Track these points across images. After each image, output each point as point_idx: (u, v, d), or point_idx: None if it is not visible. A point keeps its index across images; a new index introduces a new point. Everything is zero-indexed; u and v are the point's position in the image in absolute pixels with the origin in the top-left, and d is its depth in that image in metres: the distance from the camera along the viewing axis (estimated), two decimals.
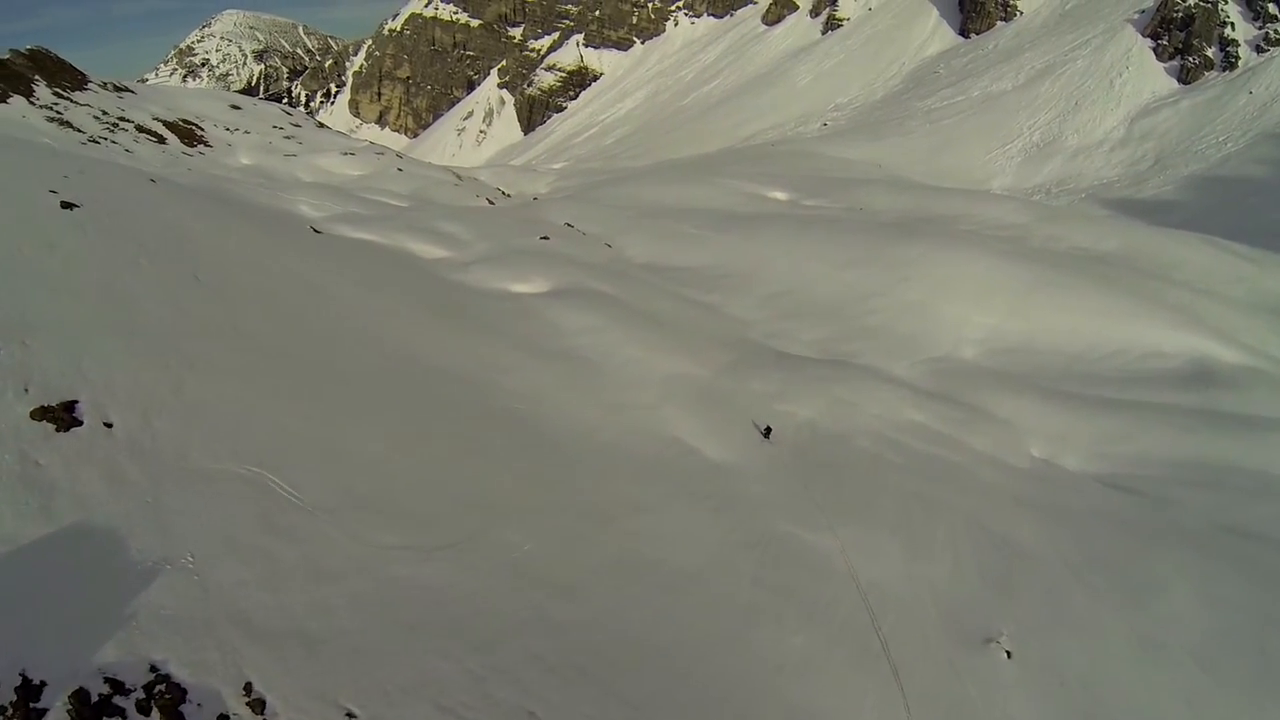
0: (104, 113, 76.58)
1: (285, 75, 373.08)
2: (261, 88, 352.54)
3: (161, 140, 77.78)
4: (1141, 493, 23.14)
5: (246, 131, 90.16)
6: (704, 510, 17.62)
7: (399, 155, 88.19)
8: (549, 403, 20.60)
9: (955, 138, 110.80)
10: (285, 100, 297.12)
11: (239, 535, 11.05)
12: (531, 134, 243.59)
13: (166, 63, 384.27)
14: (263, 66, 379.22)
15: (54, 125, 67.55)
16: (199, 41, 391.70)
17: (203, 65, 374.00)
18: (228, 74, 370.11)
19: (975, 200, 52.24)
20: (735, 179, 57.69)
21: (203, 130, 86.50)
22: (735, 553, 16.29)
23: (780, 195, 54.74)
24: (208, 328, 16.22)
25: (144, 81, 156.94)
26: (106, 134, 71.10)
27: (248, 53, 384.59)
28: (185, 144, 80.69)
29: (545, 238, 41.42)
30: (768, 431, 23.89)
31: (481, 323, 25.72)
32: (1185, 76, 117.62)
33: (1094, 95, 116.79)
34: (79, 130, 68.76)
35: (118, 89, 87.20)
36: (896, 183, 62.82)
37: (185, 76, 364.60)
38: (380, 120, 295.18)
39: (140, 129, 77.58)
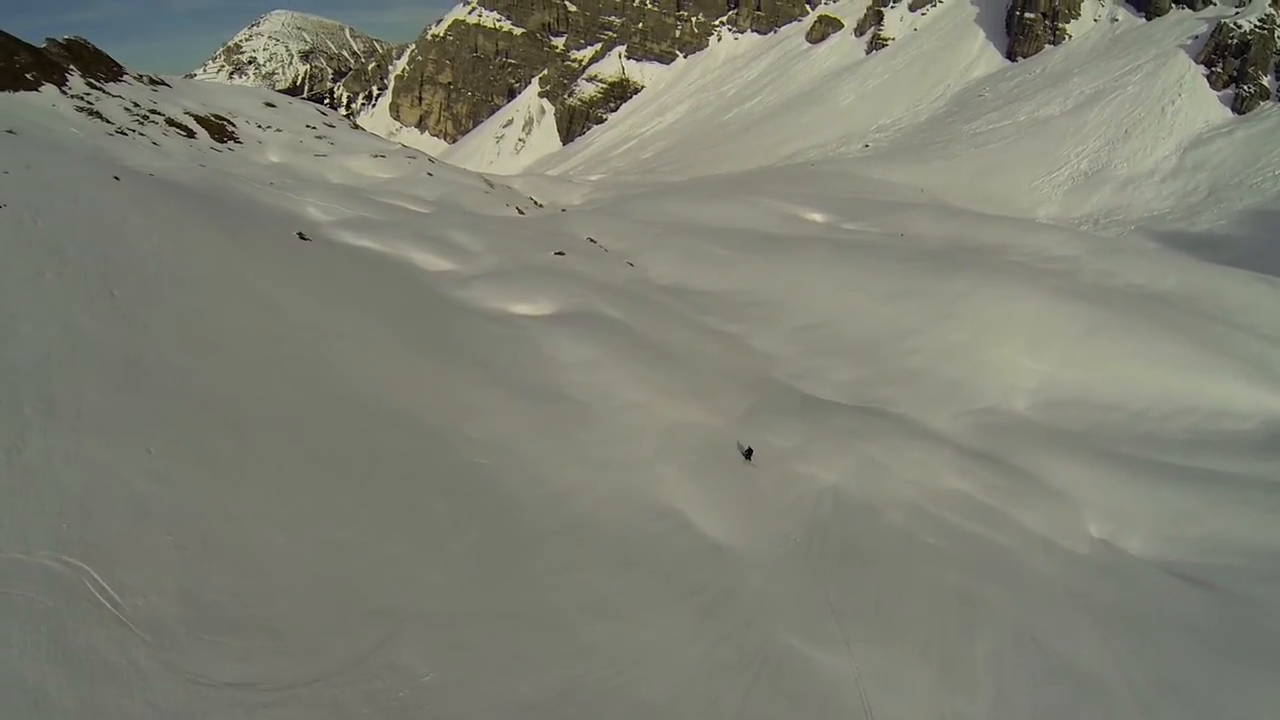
0: (135, 105, 75.62)
1: (330, 76, 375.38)
2: (306, 87, 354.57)
3: (191, 134, 76.66)
4: (1217, 587, 19.28)
5: (279, 130, 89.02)
6: (688, 612, 14.08)
7: (431, 160, 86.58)
8: (522, 457, 17.45)
9: (1000, 163, 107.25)
10: (327, 101, 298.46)
11: (4, 667, 7.70)
12: (571, 144, 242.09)
13: (214, 59, 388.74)
14: (308, 67, 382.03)
15: (83, 115, 66.54)
16: (247, 40, 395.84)
17: (249, 63, 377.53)
18: (273, 73, 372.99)
19: (1023, 229, 49.10)
20: (771, 198, 54.87)
21: (234, 126, 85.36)
22: (719, 677, 12.71)
23: (818, 217, 51.91)
24: (94, 359, 13.43)
25: (191, 77, 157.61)
26: (135, 126, 70.02)
27: (294, 52, 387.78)
28: (215, 139, 79.40)
29: (560, 253, 38.90)
30: (749, 454, 21.01)
31: (464, 352, 22.79)
32: (1240, 106, 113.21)
33: (1145, 123, 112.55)
34: (107, 121, 67.61)
35: (153, 82, 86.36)
36: (940, 208, 59.72)
37: (232, 73, 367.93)
38: (420, 124, 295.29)
39: (171, 122, 76.51)
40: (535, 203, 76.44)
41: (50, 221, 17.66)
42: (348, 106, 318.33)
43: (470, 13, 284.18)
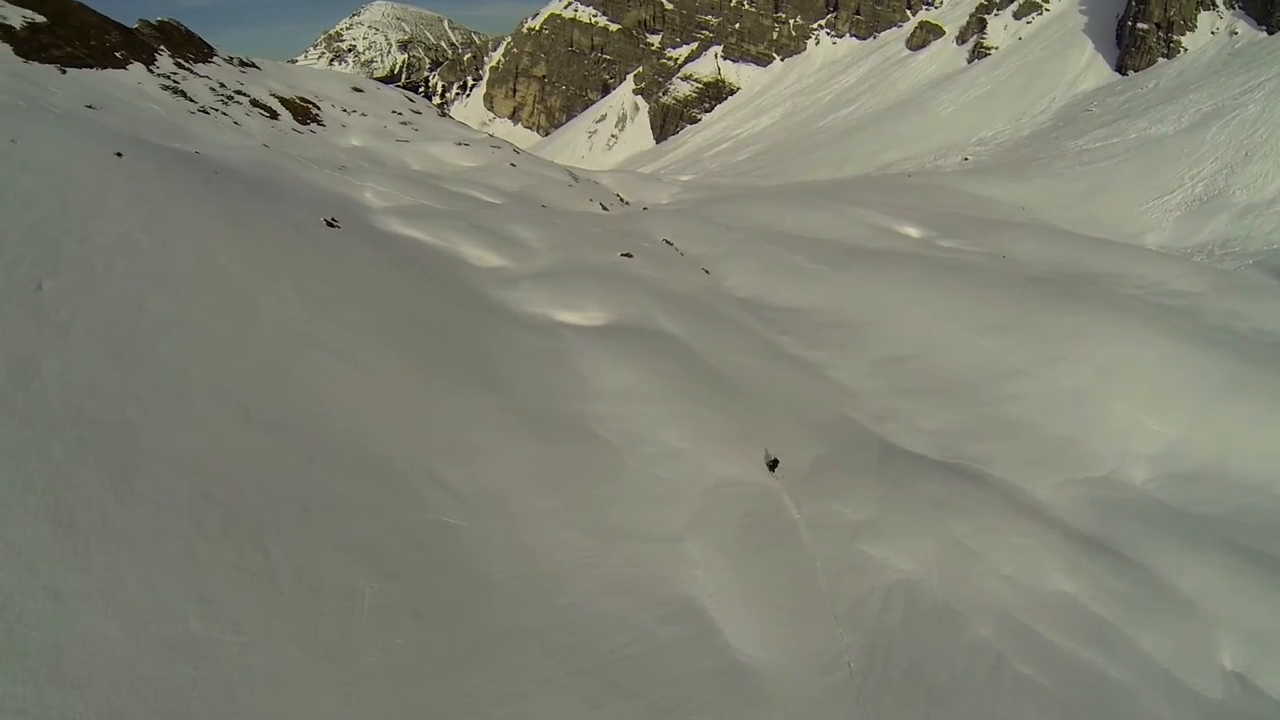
0: (221, 85, 76.04)
1: (427, 66, 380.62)
2: (403, 76, 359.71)
3: (274, 115, 76.62)
4: None
5: (364, 114, 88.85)
6: None
7: (516, 150, 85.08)
8: (513, 518, 14.00)
9: (1107, 184, 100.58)
10: (422, 90, 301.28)
11: None
12: (663, 143, 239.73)
13: (315, 46, 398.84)
14: (406, 56, 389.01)
15: (167, 93, 66.91)
16: (347, 29, 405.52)
17: (349, 51, 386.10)
18: (371, 61, 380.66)
19: (1138, 258, 44.60)
20: (864, 208, 51.11)
21: (319, 109, 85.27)
22: None
23: (912, 231, 48.12)
24: None
25: (292, 62, 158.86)
26: (219, 105, 70.43)
27: (393, 42, 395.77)
28: (298, 121, 79.23)
29: (628, 255, 35.54)
30: (774, 464, 18.06)
31: (480, 369, 19.65)
32: None
33: (1267, 146, 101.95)
34: (191, 100, 67.90)
35: (243, 64, 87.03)
36: (1045, 229, 55.16)
37: (332, 61, 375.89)
38: (514, 116, 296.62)
39: (255, 103, 76.64)
40: (621, 199, 74.02)
41: (2, 202, 15.66)
42: (442, 96, 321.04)
43: (566, 7, 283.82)
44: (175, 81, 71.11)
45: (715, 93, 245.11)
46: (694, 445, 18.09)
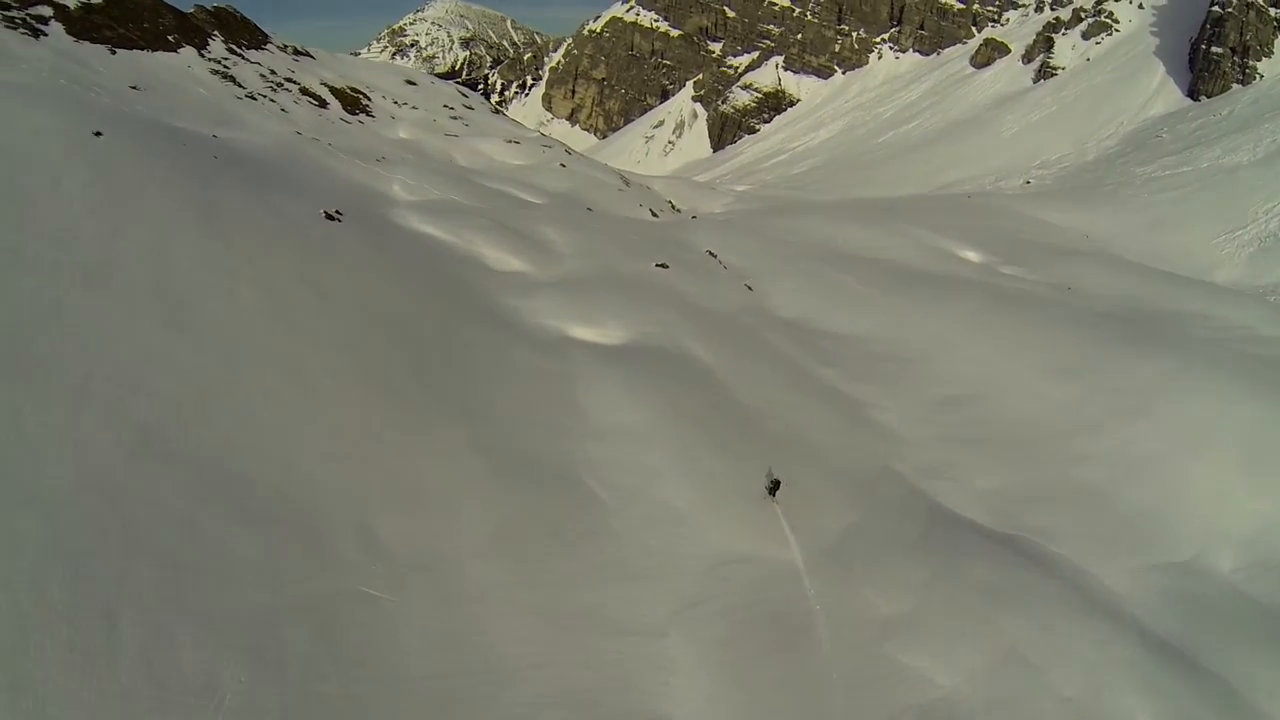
0: (272, 72, 75.23)
1: (488, 64, 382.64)
2: (464, 73, 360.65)
3: (323, 104, 75.73)
4: None
5: (414, 107, 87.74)
6: None
7: (568, 151, 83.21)
8: (448, 592, 11.31)
9: (1176, 215, 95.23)
10: (480, 88, 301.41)
11: None
12: (720, 152, 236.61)
13: (378, 40, 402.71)
14: (467, 53, 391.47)
15: (216, 78, 66.18)
16: (411, 24, 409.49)
17: (411, 46, 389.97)
18: (434, 56, 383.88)
19: (1217, 298, 40.74)
20: (922, 228, 47.73)
21: (369, 100, 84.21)
22: None
23: (973, 256, 44.74)
24: None
25: (355, 54, 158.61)
26: (267, 92, 69.32)
27: (455, 38, 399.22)
28: (347, 110, 78.13)
29: (663, 265, 32.91)
30: (774, 487, 15.59)
31: (460, 393, 16.89)
32: None
33: None
34: (239, 85, 66.99)
35: (297, 53, 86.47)
36: (1113, 261, 51.36)
37: (394, 55, 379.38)
38: (571, 118, 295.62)
39: (304, 91, 75.84)
40: (672, 206, 71.92)
41: None
42: (501, 94, 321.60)
43: (628, 10, 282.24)
44: (225, 67, 70.50)
45: (774, 103, 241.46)
46: (699, 508, 15.07)
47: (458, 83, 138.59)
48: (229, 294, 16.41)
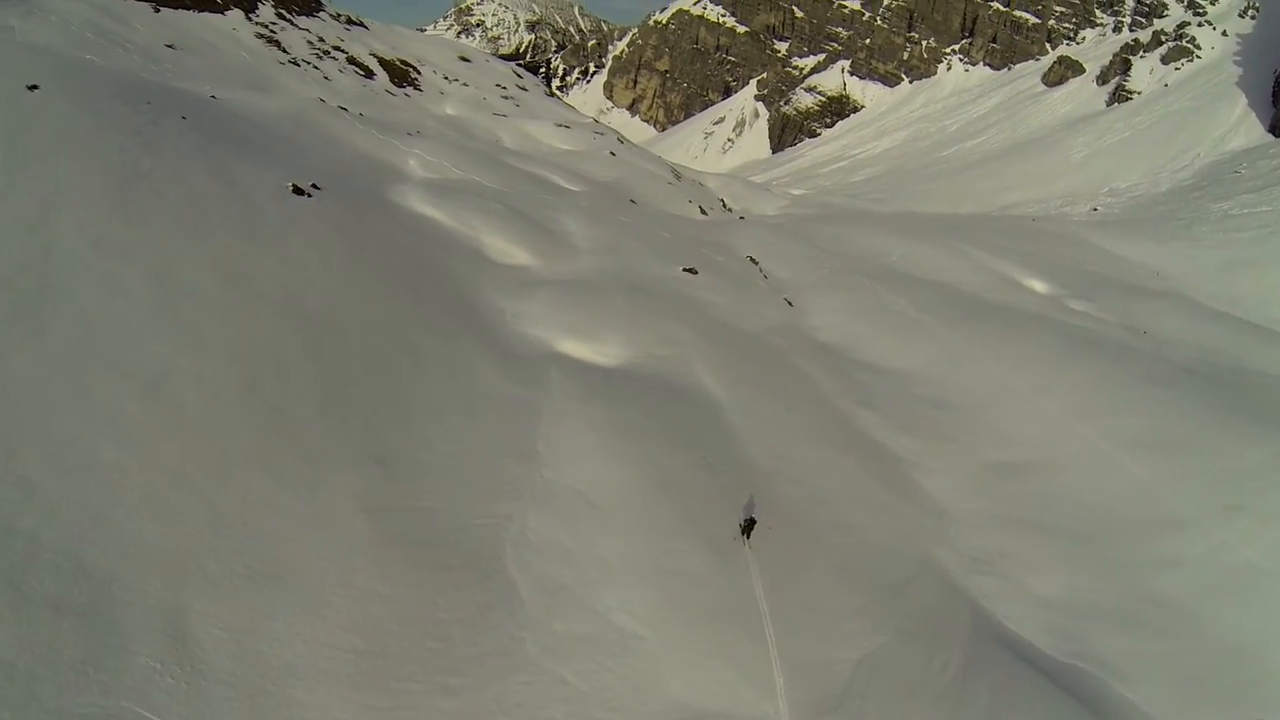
0: (320, 39, 73.67)
1: (553, 48, 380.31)
2: (528, 55, 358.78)
3: (369, 75, 74.10)
4: None
5: (465, 84, 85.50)
6: None
7: (620, 140, 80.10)
8: None
9: (1254, 257, 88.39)
10: (543, 71, 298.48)
11: None
12: (780, 153, 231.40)
13: (445, 18, 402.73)
14: (533, 36, 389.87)
15: (261, 42, 65.12)
16: (478, 4, 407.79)
17: (477, 25, 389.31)
18: (499, 37, 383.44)
19: None
20: (984, 250, 43.19)
21: (419, 74, 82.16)
22: None
23: (1038, 286, 40.18)
24: None
25: (421, 30, 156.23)
26: (313, 59, 68.13)
27: (521, 21, 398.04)
28: (394, 83, 76.23)
29: (691, 270, 28.85)
30: (748, 526, 12.44)
31: (380, 428, 13.17)
32: None
33: None
34: (284, 50, 65.91)
35: (350, 22, 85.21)
36: (1189, 305, 46.39)
37: (460, 33, 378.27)
38: (632, 108, 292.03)
39: (351, 60, 74.52)
40: (724, 205, 68.43)
41: None
42: (562, 79, 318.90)
43: (695, 4, 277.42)
44: (272, 31, 68.98)
45: (838, 108, 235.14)
46: (655, 628, 10.84)
47: (520, 64, 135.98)
48: (112, 282, 12.96)
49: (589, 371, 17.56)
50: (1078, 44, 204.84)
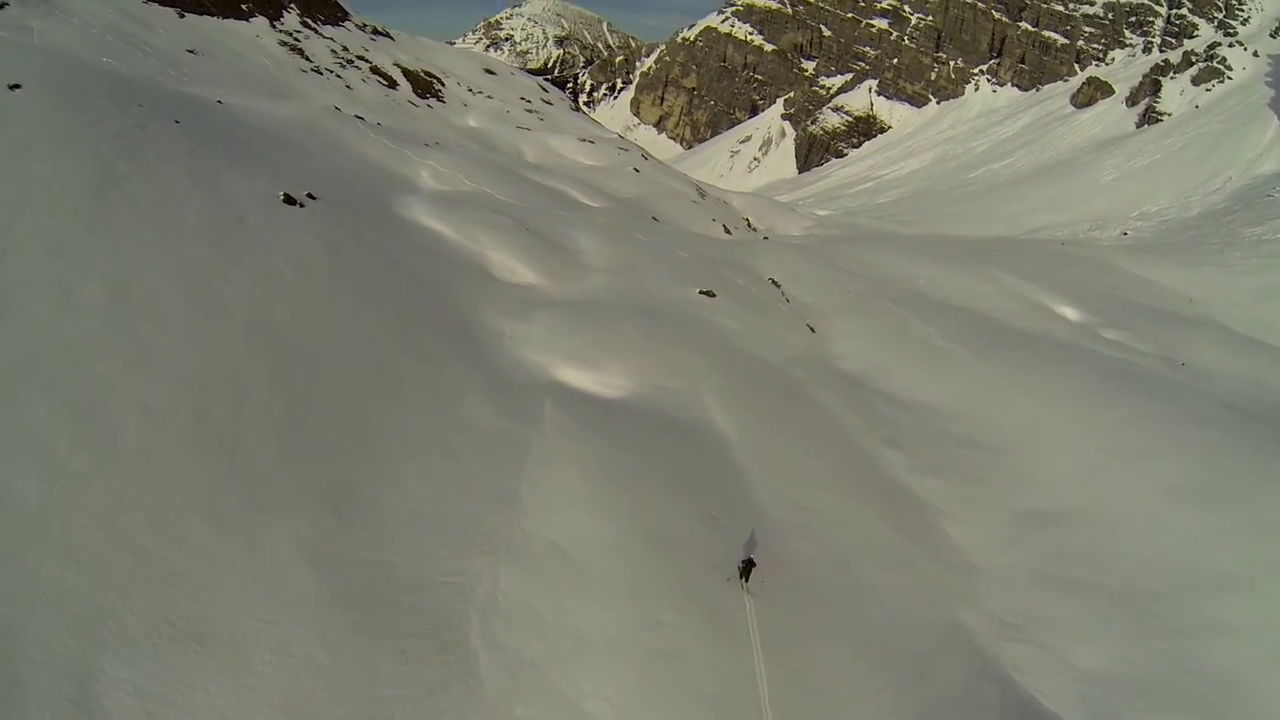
0: (344, 49, 73.48)
1: (580, 64, 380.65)
2: (555, 70, 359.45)
3: (392, 85, 74.03)
4: None
5: (489, 96, 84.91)
6: None
7: (645, 156, 79.05)
8: None
9: None
10: (570, 86, 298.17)
11: None
12: (806, 173, 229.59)
13: (474, 31, 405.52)
14: (561, 52, 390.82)
15: (284, 50, 64.97)
16: (508, 18, 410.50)
17: (506, 40, 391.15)
18: (527, 52, 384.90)
19: None
20: (1013, 275, 41.50)
21: (443, 85, 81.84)
22: None
23: (1069, 313, 38.42)
24: None
25: (450, 44, 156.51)
26: (335, 68, 67.95)
27: (550, 36, 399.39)
28: (417, 93, 75.99)
29: (708, 293, 27.45)
30: (747, 569, 11.23)
31: (334, 469, 11.72)
32: None
33: None
34: (307, 59, 65.79)
35: (376, 32, 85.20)
36: (1226, 334, 44.29)
37: (488, 47, 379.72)
38: (659, 125, 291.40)
39: (375, 70, 74.44)
40: (748, 224, 67.09)
41: None
42: (589, 95, 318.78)
43: (723, 22, 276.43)
44: (296, 40, 68.84)
45: (865, 128, 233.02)
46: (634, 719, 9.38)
47: (548, 79, 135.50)
48: (65, 295, 11.74)
49: (587, 404, 16.12)
50: (1107, 65, 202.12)
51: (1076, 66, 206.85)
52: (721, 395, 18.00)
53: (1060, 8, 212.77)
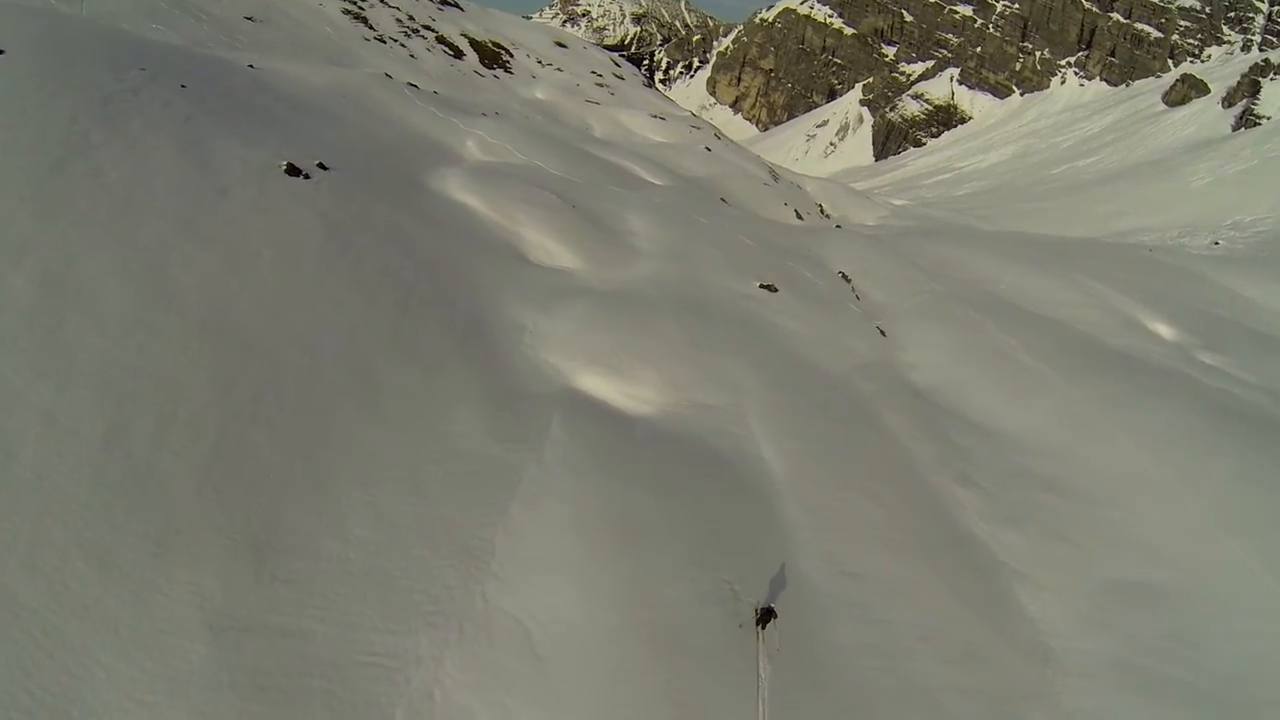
0: (410, 18, 72.15)
1: (658, 42, 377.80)
2: (632, 47, 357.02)
3: (459, 55, 72.46)
4: None
5: (559, 69, 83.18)
6: None
7: (717, 136, 76.25)
8: None
9: None
10: (645, 63, 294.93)
11: None
12: (882, 161, 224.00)
13: (551, 6, 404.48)
14: (639, 29, 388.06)
15: (347, 18, 63.69)
16: None
17: (583, 15, 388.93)
18: (604, 28, 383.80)
19: None
20: (1102, 283, 37.69)
21: (511, 56, 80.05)
22: None
23: (1164, 331, 34.50)
24: None
25: (527, 18, 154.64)
26: (400, 37, 66.46)
27: (627, 13, 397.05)
28: (484, 64, 74.37)
29: (769, 287, 24.13)
30: (765, 617, 9.24)
31: (268, 504, 9.13)
32: None
33: None
34: (370, 27, 64.35)
35: (444, 2, 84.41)
36: None
37: (565, 22, 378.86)
38: (735, 105, 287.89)
39: (441, 40, 73.14)
40: (821, 211, 64.07)
41: None
42: (665, 73, 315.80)
43: (803, 3, 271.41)
44: (360, 7, 67.55)
45: (945, 117, 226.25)
46: None
47: (624, 56, 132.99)
48: None
49: (605, 422, 13.35)
50: (1202, 62, 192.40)
51: (1170, 62, 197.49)
52: (770, 417, 15.16)
53: None
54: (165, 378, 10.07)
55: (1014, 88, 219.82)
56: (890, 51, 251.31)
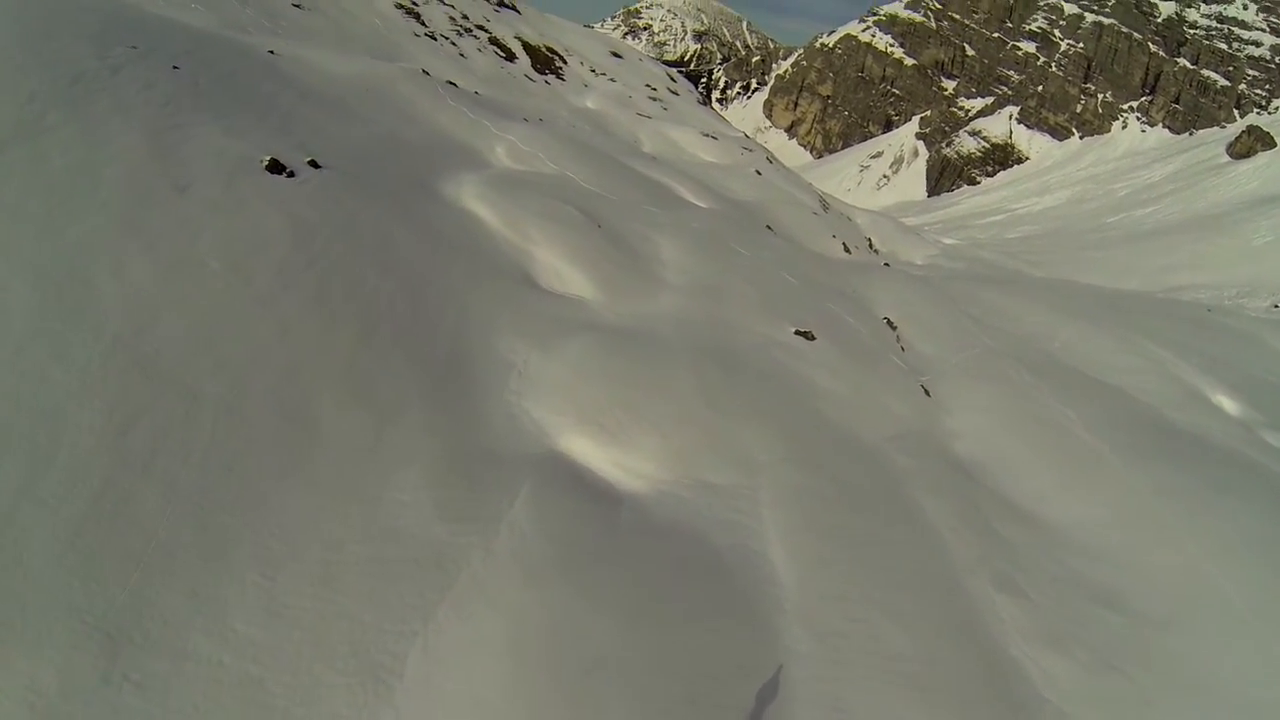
0: (464, 17, 70.95)
1: (717, 60, 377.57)
2: (691, 64, 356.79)
3: (510, 58, 71.08)
4: None
5: (612, 79, 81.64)
6: None
7: (770, 160, 73.97)
8: None
9: None
10: (704, 81, 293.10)
11: None
12: (935, 197, 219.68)
13: (613, 17, 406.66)
14: (699, 47, 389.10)
15: (399, 13, 62.16)
16: (647, 8, 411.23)
17: (645, 29, 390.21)
18: (664, 43, 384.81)
19: None
20: (1161, 346, 34.87)
21: (564, 63, 78.82)
22: None
23: (1227, 404, 31.48)
24: None
25: (588, 27, 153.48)
26: (452, 35, 65.21)
27: (688, 30, 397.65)
28: (535, 69, 73.08)
29: (806, 334, 21.70)
30: None
31: (115, 595, 6.39)
32: None
33: None
34: (422, 23, 62.99)
35: (501, 4, 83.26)
36: None
37: (625, 34, 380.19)
38: (790, 130, 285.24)
39: (493, 41, 71.81)
40: (870, 245, 61.68)
41: None
42: (723, 92, 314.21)
43: (864, 31, 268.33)
44: (414, 3, 66.35)
45: (1001, 156, 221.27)
46: None
47: (682, 72, 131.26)
48: None
49: (583, 501, 11.03)
50: (1270, 114, 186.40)
51: (1236, 112, 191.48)
52: (787, 504, 12.76)
53: (1224, 46, 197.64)
54: (52, 410, 8.06)
55: (1073, 130, 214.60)
56: (950, 85, 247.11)
